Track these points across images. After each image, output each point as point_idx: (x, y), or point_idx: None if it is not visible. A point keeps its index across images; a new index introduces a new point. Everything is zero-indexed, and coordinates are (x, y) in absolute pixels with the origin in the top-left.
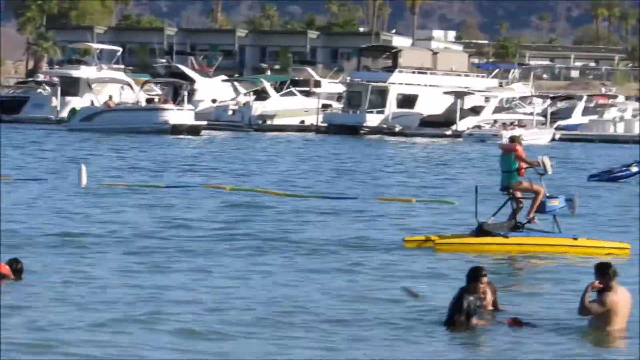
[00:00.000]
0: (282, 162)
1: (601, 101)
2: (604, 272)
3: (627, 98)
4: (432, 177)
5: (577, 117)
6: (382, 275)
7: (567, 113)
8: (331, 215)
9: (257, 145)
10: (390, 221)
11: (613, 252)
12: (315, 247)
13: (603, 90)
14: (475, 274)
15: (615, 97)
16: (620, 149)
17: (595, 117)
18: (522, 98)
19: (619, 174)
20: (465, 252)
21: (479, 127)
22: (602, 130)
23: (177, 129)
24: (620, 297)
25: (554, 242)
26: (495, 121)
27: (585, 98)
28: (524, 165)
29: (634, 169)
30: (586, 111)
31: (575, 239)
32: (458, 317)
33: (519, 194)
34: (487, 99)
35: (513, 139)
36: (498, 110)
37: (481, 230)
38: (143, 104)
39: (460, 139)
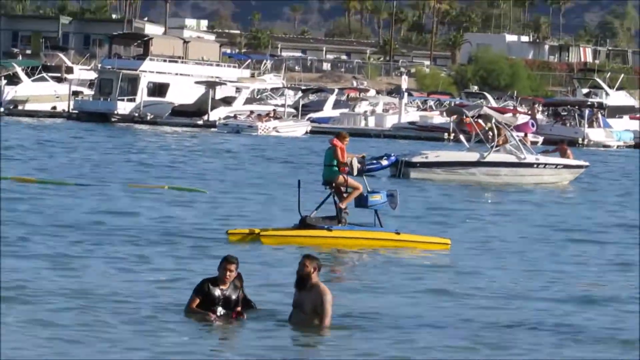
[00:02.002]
0: (31, 148)
1: (352, 94)
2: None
3: (378, 92)
4: (191, 167)
5: (328, 110)
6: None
7: (318, 105)
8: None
9: (9, 129)
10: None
11: (434, 246)
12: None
13: (354, 83)
14: (220, 262)
15: (366, 90)
16: (371, 142)
17: (346, 110)
18: (274, 89)
19: (371, 167)
20: (290, 244)
21: (234, 117)
22: (353, 124)
23: None
24: (304, 296)
25: (377, 236)
26: (252, 112)
27: (336, 91)
28: (341, 159)
29: (385, 162)
30: (338, 104)
31: (397, 233)
32: (193, 300)
33: (342, 188)
34: (238, 90)
35: (341, 136)
36: (249, 101)
37: (304, 224)
38: None
39: (214, 129)
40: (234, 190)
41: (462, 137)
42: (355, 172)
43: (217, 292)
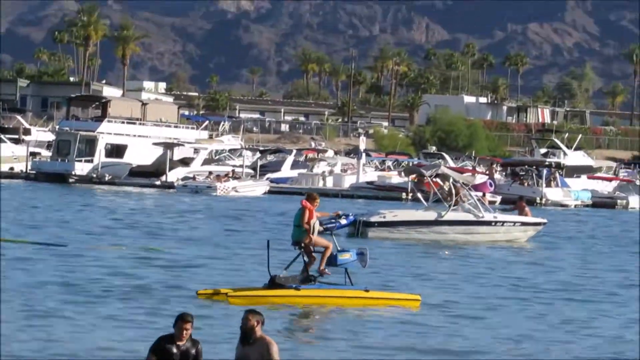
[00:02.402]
0: None
1: (311, 155)
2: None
3: (336, 152)
4: (150, 227)
5: (286, 170)
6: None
7: (276, 166)
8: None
9: None
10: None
11: (403, 303)
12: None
13: (312, 144)
14: (176, 320)
15: (324, 151)
16: (330, 202)
17: (304, 170)
18: (232, 150)
19: (329, 226)
20: (258, 304)
21: (193, 178)
22: (311, 184)
23: None
24: (249, 351)
25: (346, 294)
26: (210, 173)
27: (294, 152)
28: (305, 223)
29: (343, 221)
30: (296, 164)
31: (366, 290)
32: (149, 358)
33: (311, 248)
34: (196, 151)
35: (311, 197)
36: (207, 162)
37: (273, 283)
38: None
39: (172, 190)
40: (205, 250)
41: (420, 196)
42: (313, 234)
43: (173, 349)
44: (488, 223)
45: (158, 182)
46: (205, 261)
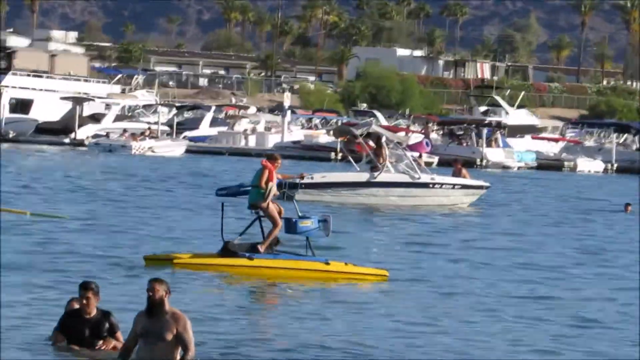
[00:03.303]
0: None
1: (231, 112)
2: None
3: (259, 109)
4: (63, 188)
5: (205, 128)
6: None
7: (194, 123)
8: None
9: None
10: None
11: (369, 278)
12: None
13: (233, 100)
14: (78, 288)
15: (246, 107)
16: (252, 162)
17: (225, 128)
18: (146, 106)
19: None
20: (206, 271)
21: (106, 135)
22: (232, 143)
23: None
24: (158, 324)
25: (303, 265)
26: (125, 130)
27: (214, 108)
28: (262, 184)
29: None
30: (215, 122)
31: (327, 263)
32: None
33: (273, 209)
34: (108, 106)
35: (272, 158)
36: (120, 118)
37: (226, 250)
38: None
39: (83, 148)
40: (138, 213)
41: (350, 158)
42: (267, 199)
43: (81, 323)
44: (425, 185)
45: (67, 140)
46: (140, 226)
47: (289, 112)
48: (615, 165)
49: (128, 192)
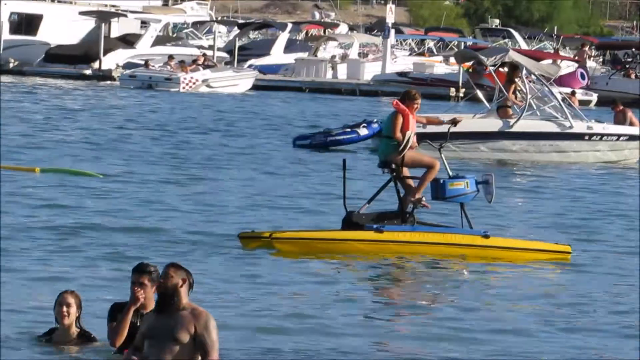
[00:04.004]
0: None
1: (313, 31)
2: None
3: (352, 28)
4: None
5: (278, 55)
6: None
7: (263, 48)
8: None
9: None
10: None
11: (545, 256)
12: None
13: (316, 15)
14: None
15: (335, 26)
16: (343, 102)
17: (305, 54)
18: (197, 24)
19: (341, 138)
20: (315, 251)
21: (145, 65)
22: (315, 75)
23: None
24: (171, 322)
25: (452, 239)
26: (171, 57)
27: (289, 26)
28: (397, 134)
29: (364, 131)
30: (292, 46)
31: (486, 236)
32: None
33: (406, 172)
34: (144, 24)
35: (408, 96)
36: (161, 41)
37: (350, 222)
38: None
39: (111, 82)
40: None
41: (479, 93)
42: (402, 153)
43: (138, 320)
44: (579, 136)
45: (89, 71)
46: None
47: (392, 31)
48: None
49: (183, 144)
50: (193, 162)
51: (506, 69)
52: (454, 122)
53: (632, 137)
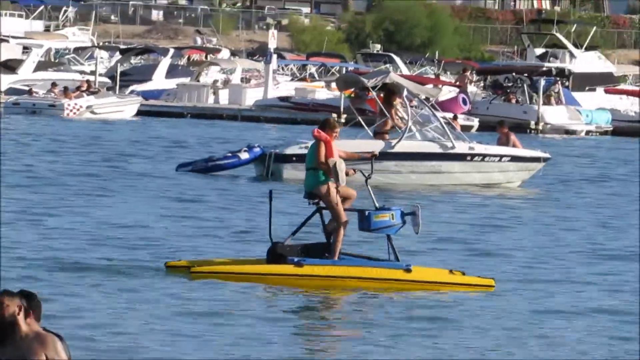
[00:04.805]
0: None
1: (195, 57)
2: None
3: (234, 54)
4: None
5: (159, 80)
6: None
7: (145, 73)
8: None
9: None
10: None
11: (468, 289)
12: None
13: (198, 41)
14: None
15: (217, 51)
16: (224, 126)
17: (187, 80)
18: (79, 49)
19: (222, 162)
20: (227, 282)
21: (29, 92)
22: (197, 100)
23: None
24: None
25: (373, 274)
26: (54, 84)
27: (172, 52)
28: (321, 163)
29: (245, 155)
30: (174, 71)
31: (408, 270)
32: None
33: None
34: (26, 49)
35: (328, 125)
36: (43, 66)
37: (274, 253)
38: None
39: None
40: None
41: (359, 118)
42: (343, 182)
43: None
44: (462, 157)
45: None
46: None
47: (274, 57)
48: None
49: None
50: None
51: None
52: (374, 155)
53: (514, 158)
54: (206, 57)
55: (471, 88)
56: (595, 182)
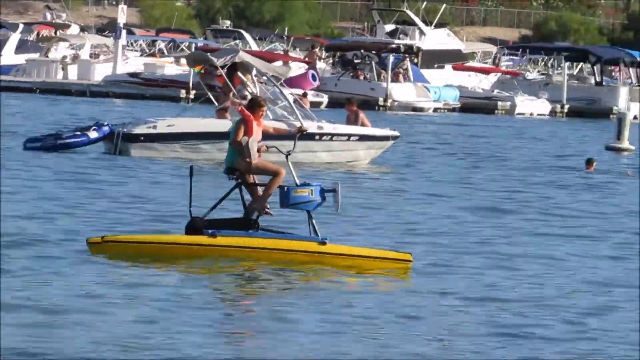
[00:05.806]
0: None
1: (45, 32)
2: None
3: (83, 29)
4: None
5: (9, 56)
6: None
7: None
8: None
9: None
10: None
11: (383, 264)
12: None
13: (47, 16)
14: None
15: (66, 26)
16: (73, 103)
17: (36, 55)
18: None
19: (71, 140)
20: (141, 254)
21: None
22: (46, 75)
23: None
24: None
25: (287, 246)
26: None
27: (21, 27)
28: (238, 140)
29: (94, 134)
30: (23, 47)
31: (323, 243)
32: None
33: (251, 178)
34: None
35: (255, 104)
36: None
37: (193, 228)
38: None
39: None
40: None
41: (210, 95)
42: (252, 158)
43: None
44: (310, 136)
45: None
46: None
47: (124, 32)
48: (567, 107)
49: None
50: None
51: (239, 73)
52: (301, 131)
53: (362, 137)
54: (55, 33)
55: (320, 64)
56: (439, 157)
